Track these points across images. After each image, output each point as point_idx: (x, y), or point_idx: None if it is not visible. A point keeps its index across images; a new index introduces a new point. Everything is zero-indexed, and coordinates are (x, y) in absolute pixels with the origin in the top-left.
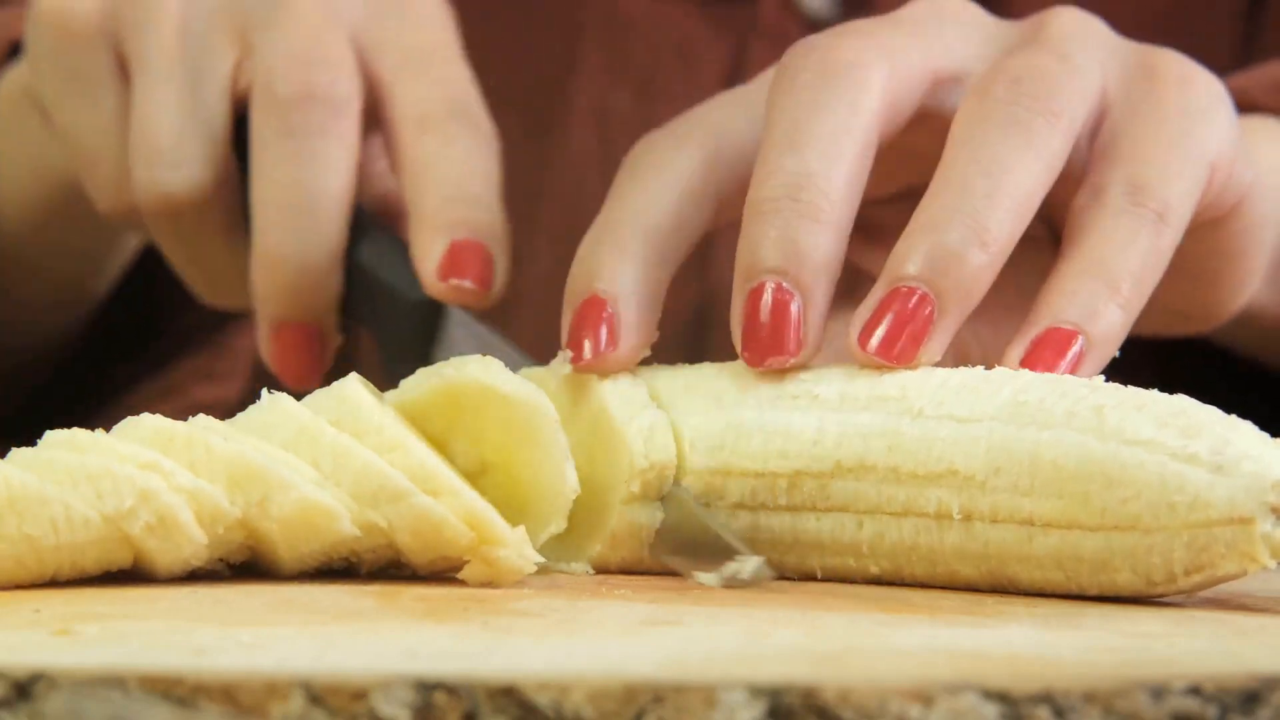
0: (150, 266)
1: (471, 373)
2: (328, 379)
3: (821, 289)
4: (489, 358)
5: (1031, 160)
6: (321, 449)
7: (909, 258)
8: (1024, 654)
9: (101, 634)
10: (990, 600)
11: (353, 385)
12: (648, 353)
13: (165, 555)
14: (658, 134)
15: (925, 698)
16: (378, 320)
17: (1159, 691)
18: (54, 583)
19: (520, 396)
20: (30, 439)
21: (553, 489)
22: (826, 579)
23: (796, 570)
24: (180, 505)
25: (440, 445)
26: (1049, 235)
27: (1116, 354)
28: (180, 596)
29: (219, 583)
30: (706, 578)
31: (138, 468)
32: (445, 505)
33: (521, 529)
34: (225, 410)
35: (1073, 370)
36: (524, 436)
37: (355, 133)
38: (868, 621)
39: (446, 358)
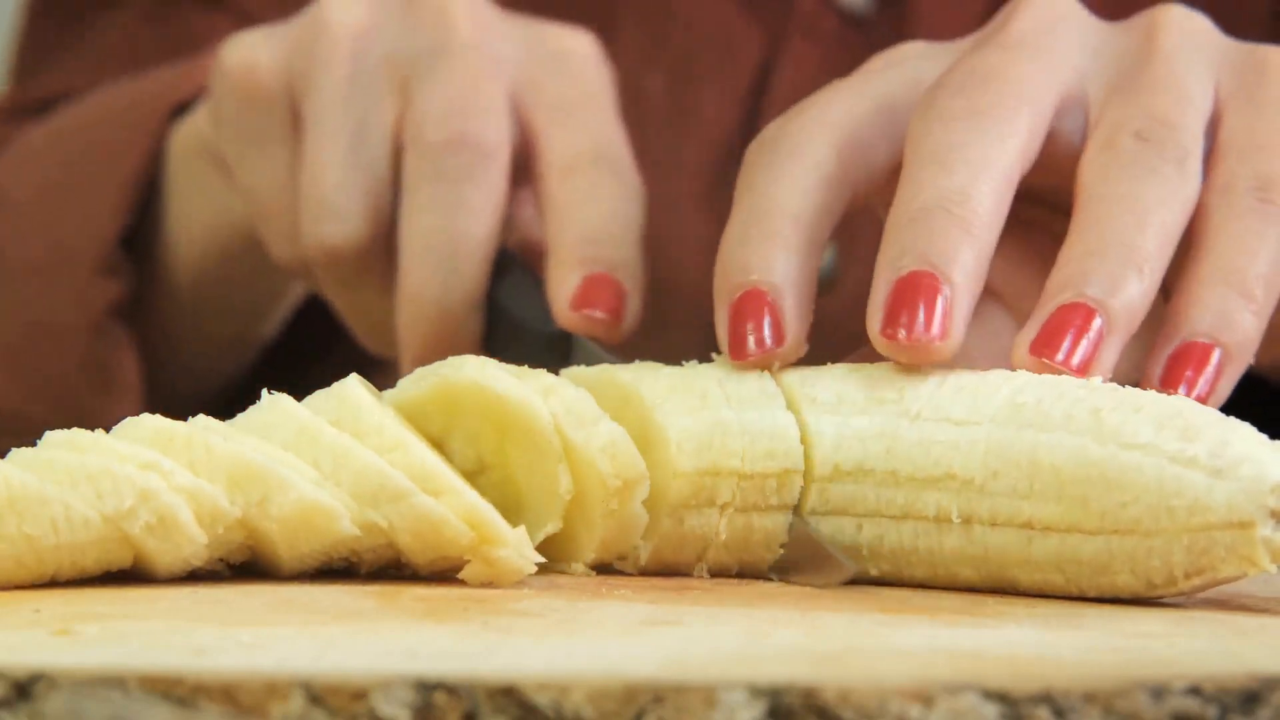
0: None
1: (468, 373)
2: None
3: (968, 293)
4: (486, 359)
5: (1170, 200)
6: (321, 449)
7: (1084, 280)
8: (1024, 654)
9: (101, 634)
10: (990, 600)
11: (353, 385)
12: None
13: (165, 555)
14: (783, 123)
15: (925, 698)
16: (514, 356)
17: (1159, 691)
18: (54, 583)
19: (515, 398)
20: None
21: (547, 490)
22: None
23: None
24: (180, 505)
25: (438, 445)
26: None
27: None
28: (180, 596)
29: (219, 583)
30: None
31: (138, 468)
32: (445, 505)
33: (522, 529)
34: None
35: (1213, 386)
36: (519, 438)
37: (503, 179)
38: (868, 621)
39: None
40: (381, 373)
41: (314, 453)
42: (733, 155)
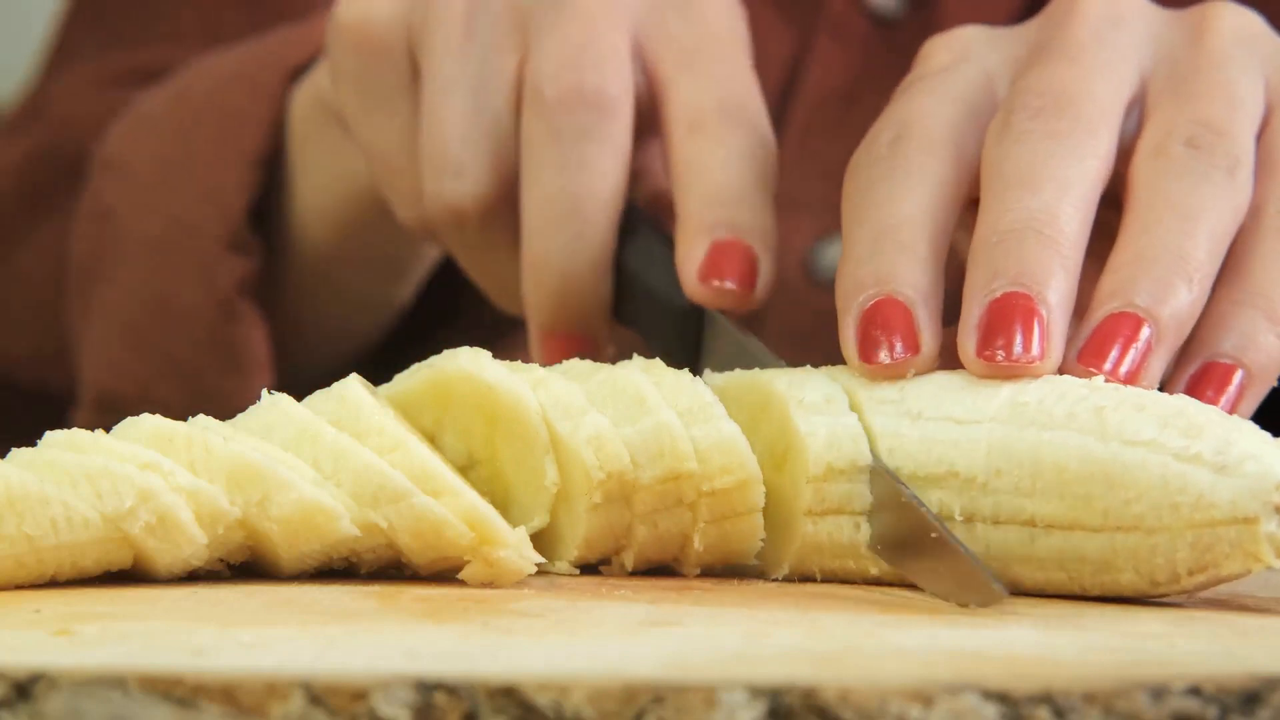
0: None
1: (460, 363)
2: None
3: (1062, 314)
4: (478, 349)
5: (1220, 208)
6: (321, 449)
7: (1133, 289)
8: (1024, 654)
9: (101, 634)
10: None
11: (353, 385)
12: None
13: (165, 555)
14: (891, 139)
15: (925, 698)
16: (646, 325)
17: (1159, 692)
18: (54, 583)
19: (504, 387)
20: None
21: (534, 484)
22: (826, 580)
23: (794, 571)
24: (180, 505)
25: (430, 439)
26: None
27: None
28: (180, 596)
29: (219, 583)
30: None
31: (137, 468)
32: (445, 505)
33: (522, 529)
34: None
35: (1234, 407)
36: (508, 429)
37: (625, 134)
38: (868, 621)
39: (712, 368)
40: (511, 343)
41: (314, 453)
42: None
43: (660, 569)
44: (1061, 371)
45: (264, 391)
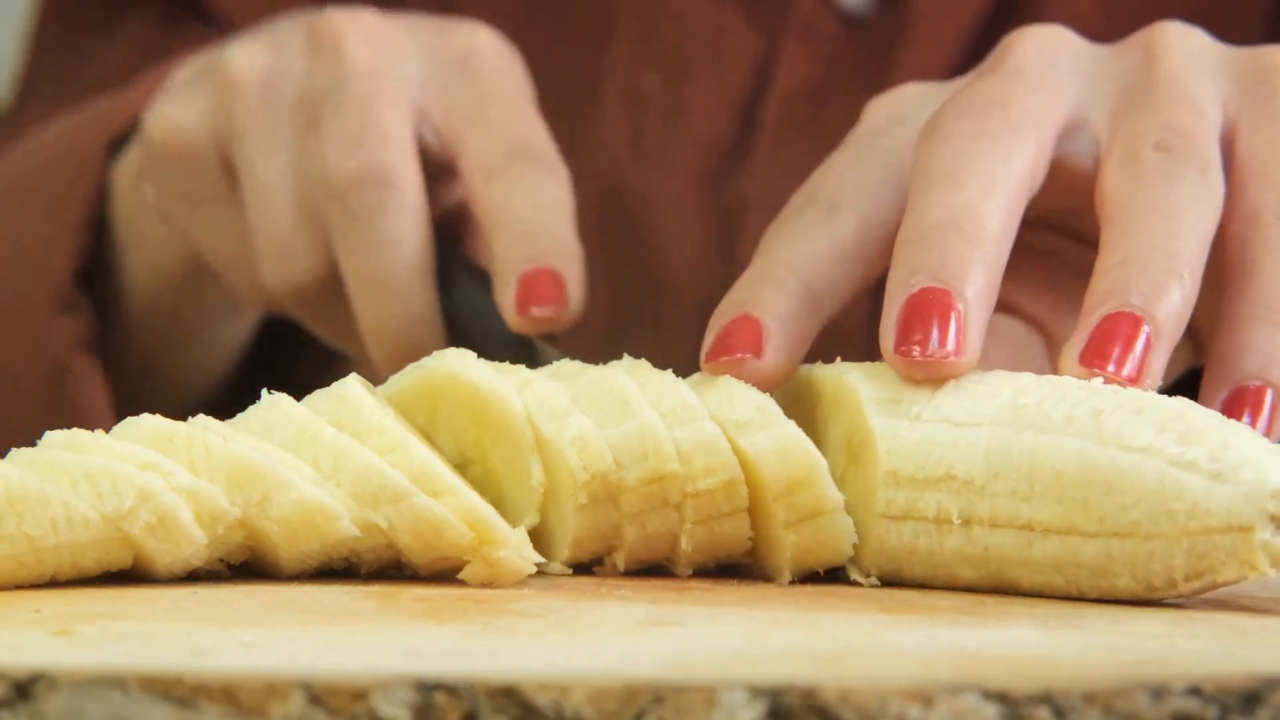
0: None
1: (447, 364)
2: None
3: (981, 310)
4: (465, 350)
5: (1199, 205)
6: (321, 449)
7: (1127, 289)
8: (1024, 654)
9: (101, 634)
10: (990, 601)
11: (353, 385)
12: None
13: (165, 555)
14: (802, 198)
15: (925, 698)
16: (482, 356)
17: (1159, 692)
18: (54, 583)
19: (490, 389)
20: None
21: (523, 484)
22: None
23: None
24: (180, 505)
25: (425, 439)
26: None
27: None
28: (180, 596)
29: (219, 583)
30: None
31: (137, 468)
32: (445, 505)
33: (522, 529)
34: None
35: (1270, 427)
36: (496, 430)
37: (415, 199)
38: (868, 621)
39: None
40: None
41: (314, 453)
42: (728, 155)
43: (660, 569)
44: (1060, 373)
45: (264, 391)
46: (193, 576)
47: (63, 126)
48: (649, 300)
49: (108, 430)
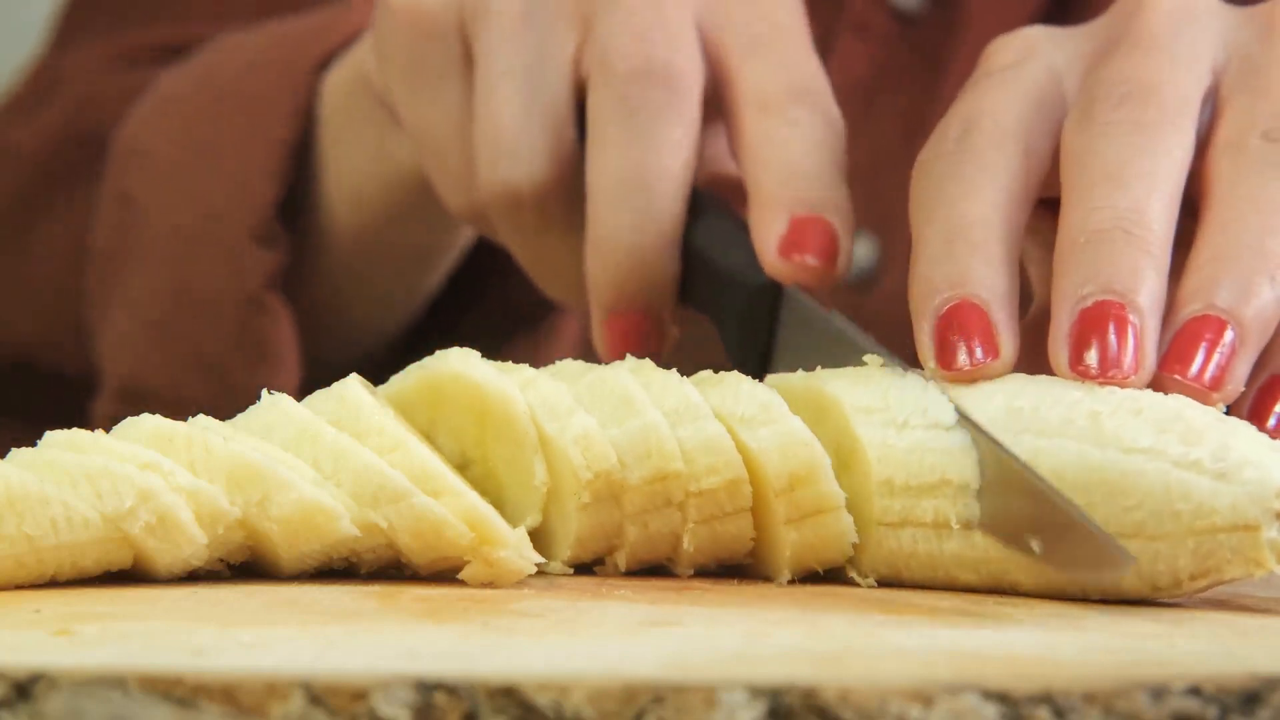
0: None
1: (450, 364)
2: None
3: (1155, 319)
4: (468, 349)
5: None
6: (321, 449)
7: (1214, 289)
8: (1024, 654)
9: (101, 634)
10: (990, 601)
11: (353, 386)
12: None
13: (165, 555)
14: (960, 134)
15: (925, 698)
16: (717, 307)
17: (1159, 692)
18: (54, 583)
19: (492, 388)
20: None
21: (526, 484)
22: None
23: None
24: (180, 505)
25: (426, 439)
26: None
27: None
28: (180, 596)
29: (219, 583)
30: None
31: (138, 468)
32: (445, 505)
33: (522, 529)
34: None
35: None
36: (498, 430)
37: (696, 111)
38: (868, 621)
39: (787, 348)
40: (529, 336)
41: (314, 453)
42: None
43: (660, 569)
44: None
45: (264, 392)
46: (193, 576)
47: (266, 37)
48: None
49: (294, 374)
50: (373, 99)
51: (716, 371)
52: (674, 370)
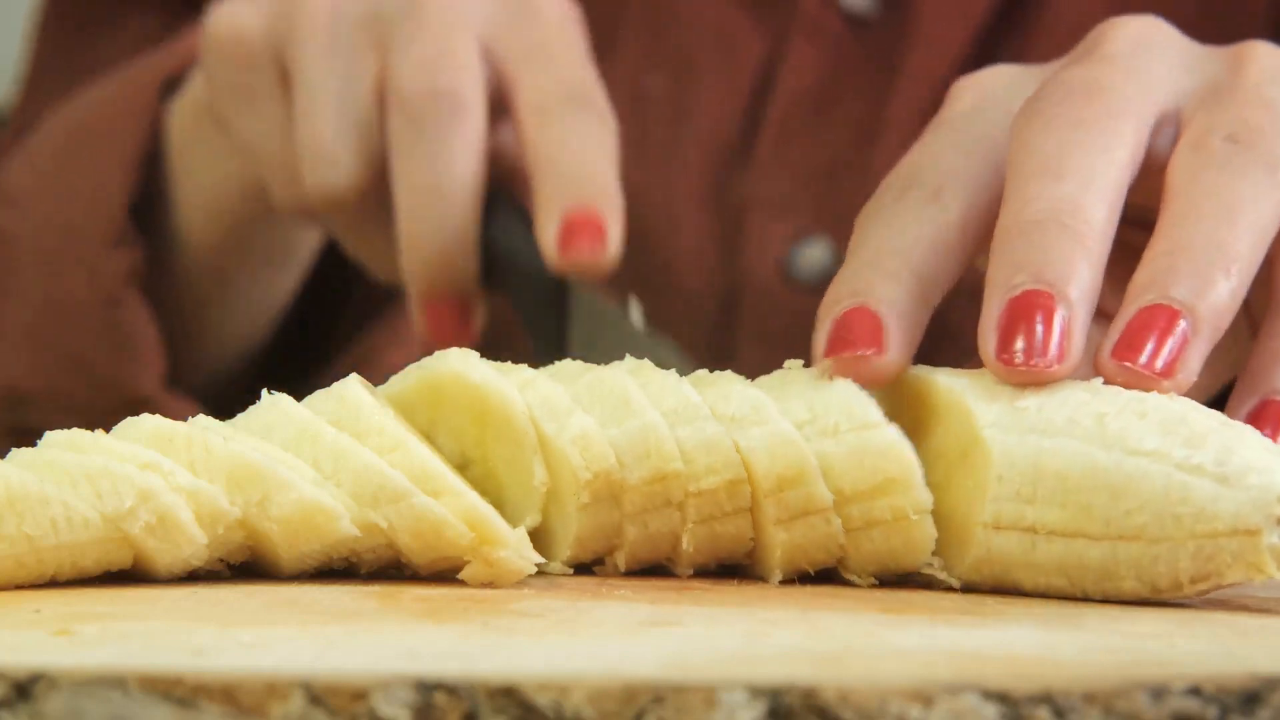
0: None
1: (450, 364)
2: (479, 346)
3: (1085, 311)
4: (468, 350)
5: (1261, 201)
6: (321, 449)
7: (1169, 281)
8: (1024, 654)
9: (101, 634)
10: (990, 600)
11: (352, 386)
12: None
13: (165, 555)
14: (902, 180)
15: (925, 698)
16: (513, 290)
17: (1159, 692)
18: (54, 583)
19: (491, 388)
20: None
21: (525, 484)
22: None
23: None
24: (180, 505)
25: (426, 439)
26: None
27: None
28: (180, 596)
29: (219, 583)
30: None
31: (137, 468)
32: (445, 505)
33: (522, 529)
34: None
35: None
36: (498, 430)
37: (480, 124)
38: (868, 621)
39: (573, 326)
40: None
41: (314, 453)
42: (733, 156)
43: (660, 569)
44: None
45: (264, 392)
46: (193, 576)
47: (116, 76)
48: (653, 298)
49: (157, 365)
50: (209, 120)
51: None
52: (673, 371)
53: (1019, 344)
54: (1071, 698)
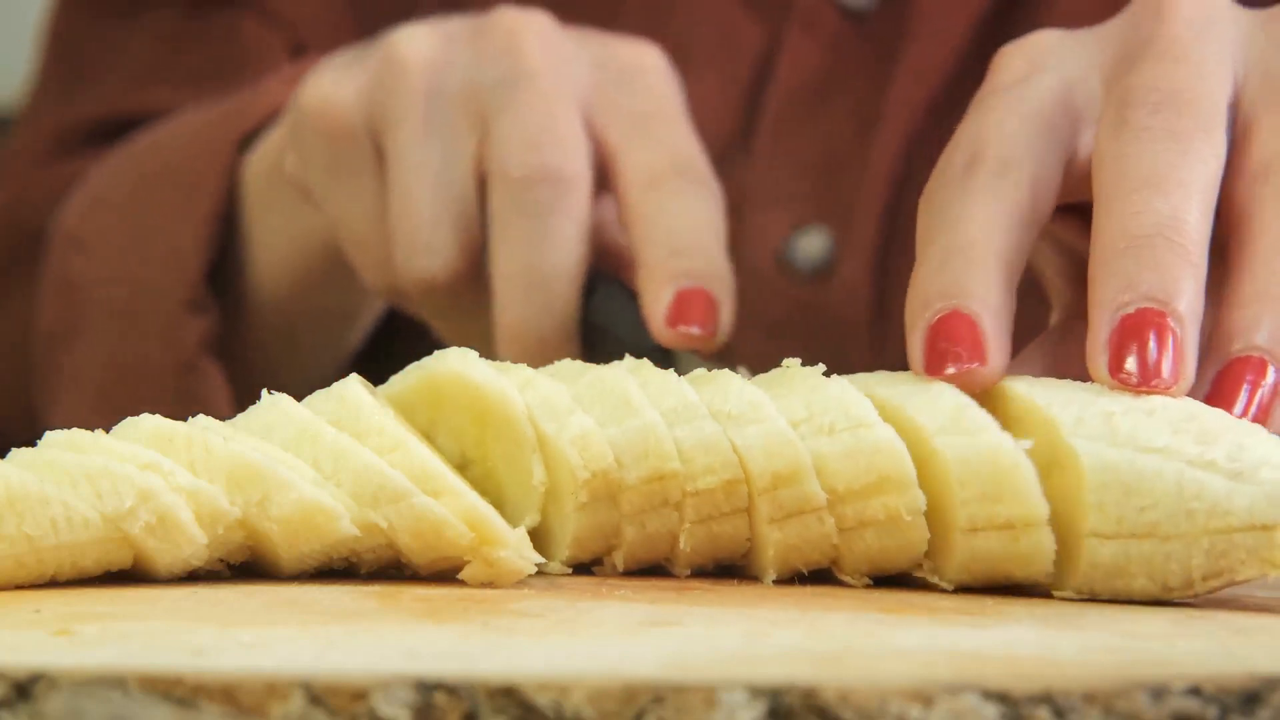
0: None
1: (450, 364)
2: None
3: (1194, 329)
4: (467, 350)
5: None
6: (321, 449)
7: (1257, 328)
8: (1024, 654)
9: (101, 634)
10: (990, 600)
11: (353, 386)
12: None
13: (165, 555)
14: (968, 156)
15: (925, 698)
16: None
17: (1159, 692)
18: (54, 583)
19: (491, 388)
20: None
21: (525, 484)
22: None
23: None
24: (180, 505)
25: (426, 439)
26: None
27: None
28: (180, 596)
29: (219, 583)
30: None
31: (137, 468)
32: (445, 505)
33: (522, 529)
34: None
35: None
36: (497, 429)
37: (586, 205)
38: (868, 621)
39: None
40: None
41: (314, 453)
42: (730, 148)
43: (659, 569)
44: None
45: (264, 392)
46: (193, 576)
47: (188, 122)
48: None
49: None
50: (286, 184)
51: None
52: (672, 370)
53: (1133, 363)
54: (1071, 698)
